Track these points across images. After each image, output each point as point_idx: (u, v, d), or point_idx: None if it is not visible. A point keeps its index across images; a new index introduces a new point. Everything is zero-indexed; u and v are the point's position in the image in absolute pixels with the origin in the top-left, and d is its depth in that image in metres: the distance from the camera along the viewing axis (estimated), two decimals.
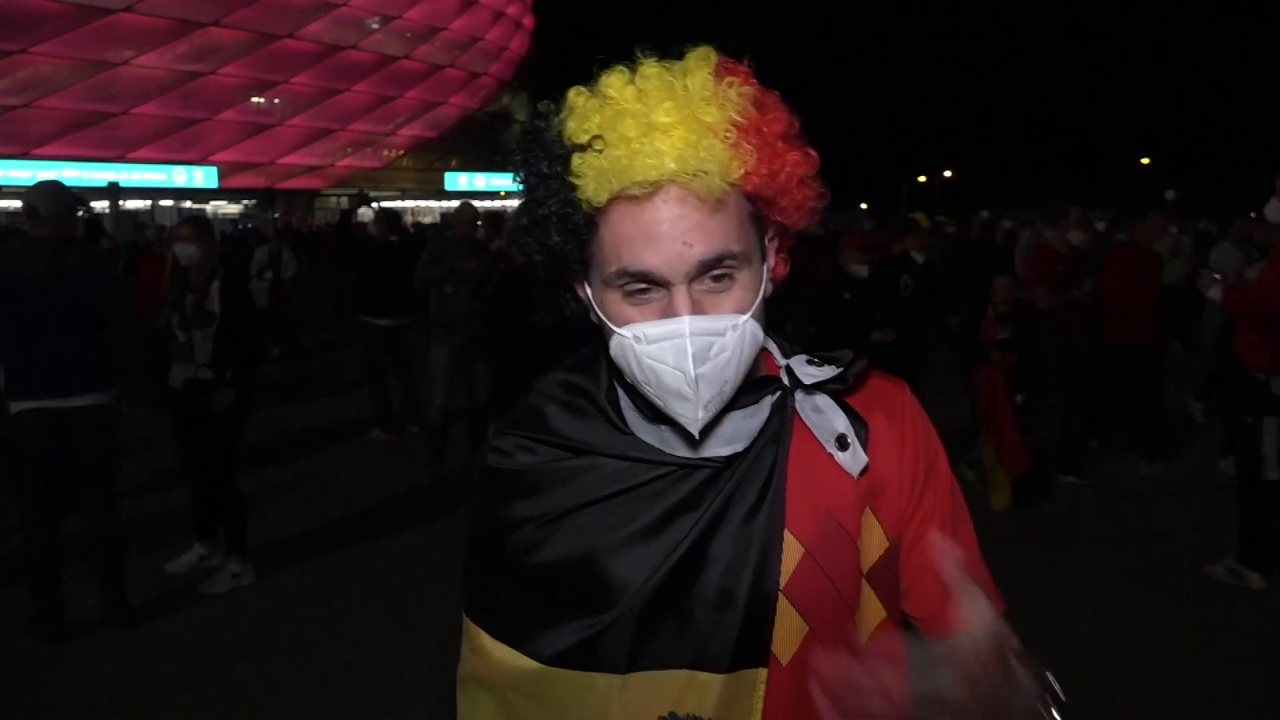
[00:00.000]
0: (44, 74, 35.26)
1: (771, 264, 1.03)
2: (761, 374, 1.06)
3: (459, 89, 49.98)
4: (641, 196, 0.90)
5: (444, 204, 46.56)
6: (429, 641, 3.90)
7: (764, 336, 1.10)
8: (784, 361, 1.07)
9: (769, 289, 1.02)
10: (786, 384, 1.04)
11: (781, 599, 0.98)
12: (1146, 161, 61.71)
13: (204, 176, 39.12)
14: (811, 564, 1.00)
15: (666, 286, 0.92)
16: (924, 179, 74.72)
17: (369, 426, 7.83)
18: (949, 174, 74.20)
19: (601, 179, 0.90)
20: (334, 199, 47.55)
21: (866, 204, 57.61)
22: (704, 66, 0.92)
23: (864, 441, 1.02)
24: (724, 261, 0.92)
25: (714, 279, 0.92)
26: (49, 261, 3.99)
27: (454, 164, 51.66)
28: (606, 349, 0.99)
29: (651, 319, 0.92)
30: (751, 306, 0.94)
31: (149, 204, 35.44)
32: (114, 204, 24.65)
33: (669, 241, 0.90)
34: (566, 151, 0.93)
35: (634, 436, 1.03)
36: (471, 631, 1.10)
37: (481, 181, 49.58)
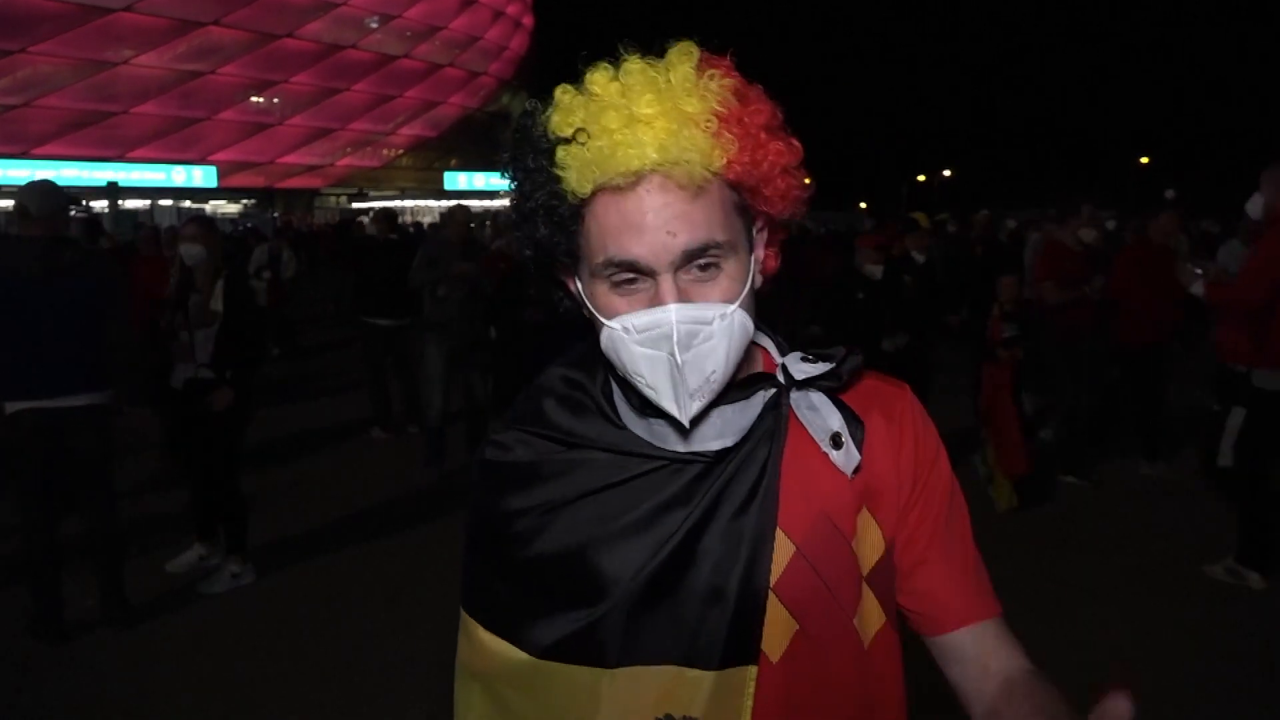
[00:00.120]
0: (43, 73, 35.24)
1: (761, 256, 1.04)
2: (757, 371, 1.07)
3: (459, 88, 49.97)
4: (625, 187, 0.92)
5: (444, 203, 46.49)
6: (429, 641, 3.90)
7: (760, 334, 1.11)
8: (780, 360, 1.07)
9: (759, 281, 1.03)
10: (782, 382, 1.04)
11: (771, 596, 0.98)
12: (1146, 161, 61.70)
13: (203, 176, 39.12)
14: (803, 562, 1.00)
15: (652, 276, 0.93)
16: (923, 178, 74.75)
17: (369, 426, 7.84)
18: (949, 173, 74.23)
19: (585, 170, 0.92)
20: (334, 198, 47.59)
21: (866, 204, 57.76)
22: (686, 61, 0.93)
23: (859, 441, 1.02)
24: (709, 250, 0.93)
25: (700, 268, 0.93)
26: (43, 261, 3.99)
27: (454, 163, 51.65)
28: (600, 345, 1.00)
29: (639, 309, 0.93)
30: (739, 296, 0.95)
31: (148, 203, 35.44)
32: (113, 203, 24.66)
33: (653, 231, 0.91)
34: (551, 145, 0.94)
35: (628, 431, 1.04)
36: (467, 624, 1.11)
37: (481, 181, 49.57)
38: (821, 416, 1.03)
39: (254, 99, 41.91)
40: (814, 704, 1.02)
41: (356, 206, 43.83)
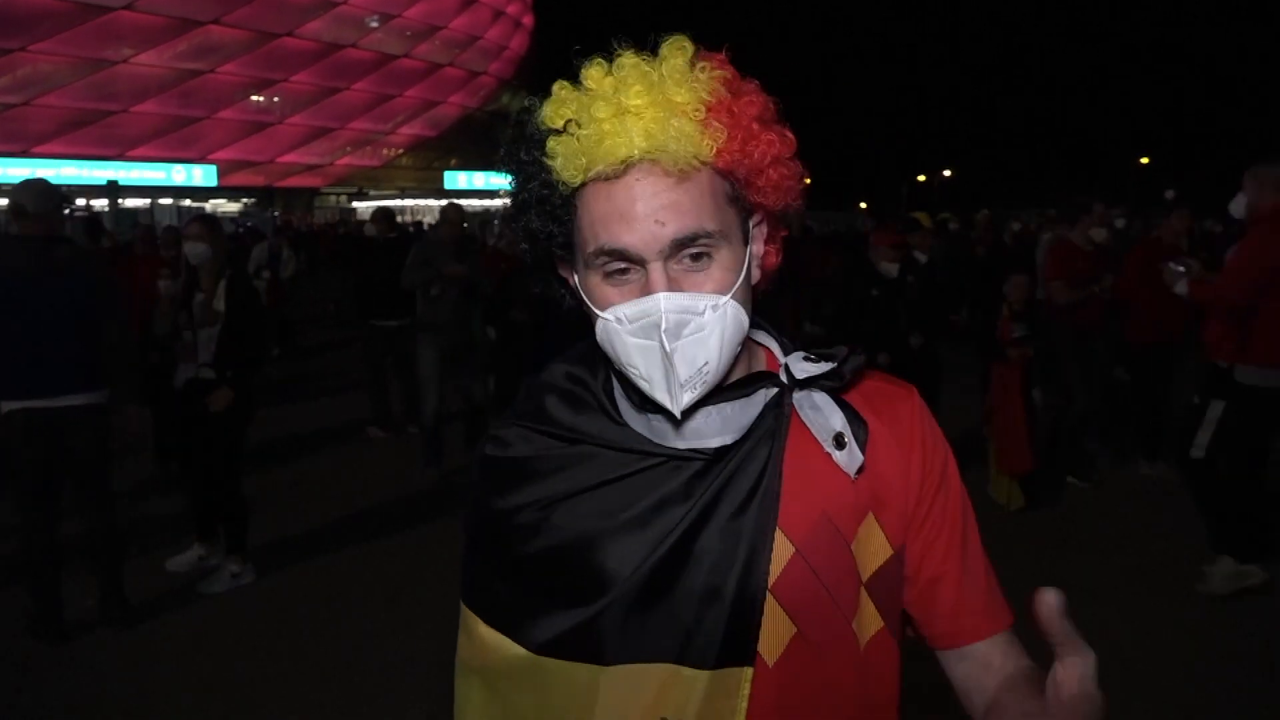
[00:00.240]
0: (43, 72, 35.24)
1: (758, 251, 1.03)
2: (759, 370, 1.06)
3: (459, 88, 49.98)
4: (614, 176, 0.92)
5: (444, 203, 46.48)
6: (429, 641, 3.90)
7: (764, 334, 1.11)
8: (784, 359, 1.07)
9: (756, 276, 1.02)
10: (785, 381, 1.03)
11: (769, 598, 0.97)
12: (1146, 161, 61.72)
13: (203, 175, 39.15)
14: (802, 564, 0.99)
15: (643, 265, 0.93)
16: (924, 178, 74.75)
17: (367, 426, 7.84)
18: (949, 173, 74.23)
19: (574, 159, 0.92)
20: (333, 198, 47.60)
21: (866, 203, 57.76)
22: (679, 55, 0.94)
23: (862, 442, 1.00)
24: (699, 240, 0.92)
25: (692, 258, 0.93)
26: (38, 260, 3.98)
27: (454, 163, 51.67)
28: (597, 339, 1.00)
29: (631, 299, 0.94)
30: (732, 288, 0.94)
31: (148, 202, 35.44)
32: (113, 202, 24.65)
33: (642, 219, 0.91)
34: (543, 136, 0.96)
35: (628, 428, 1.03)
36: (467, 618, 1.11)
37: (481, 180, 49.61)
38: (824, 416, 1.02)
39: (254, 98, 41.91)
40: (809, 708, 1.01)
41: (356, 206, 43.86)
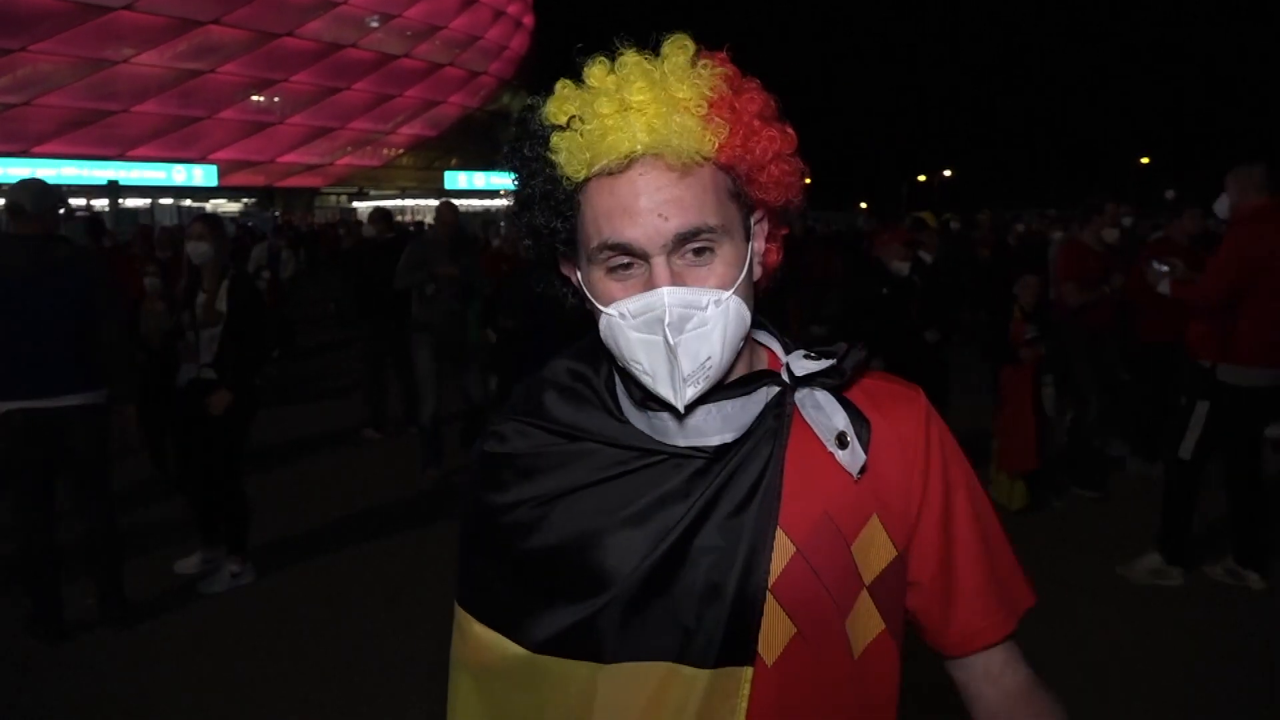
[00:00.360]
0: (43, 72, 35.22)
1: (760, 248, 1.03)
2: (761, 369, 1.06)
3: (459, 88, 49.95)
4: (617, 171, 0.93)
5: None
6: (429, 641, 3.90)
7: (767, 334, 1.11)
8: (785, 359, 1.06)
9: (758, 273, 1.03)
10: (787, 381, 1.03)
11: (770, 598, 0.97)
12: (1146, 161, 61.73)
13: (203, 175, 39.12)
14: (803, 564, 0.99)
15: (646, 259, 0.93)
16: (924, 178, 74.75)
17: (364, 427, 7.83)
18: (949, 173, 74.22)
19: (578, 155, 0.93)
20: (334, 198, 47.59)
21: (866, 203, 57.75)
22: (680, 53, 0.95)
23: (865, 442, 0.99)
24: (701, 234, 0.93)
25: (694, 253, 0.94)
26: (37, 259, 3.98)
27: (454, 163, 51.65)
28: (600, 335, 1.01)
29: (635, 294, 0.94)
30: (735, 283, 0.95)
31: (148, 202, 35.42)
32: (113, 202, 24.63)
33: (645, 214, 0.92)
34: (547, 132, 0.96)
35: (629, 424, 1.03)
36: (461, 617, 1.11)
37: (481, 180, 49.59)
38: (827, 415, 1.01)
39: (254, 98, 41.88)
40: (808, 708, 1.01)
41: (357, 206, 43.86)
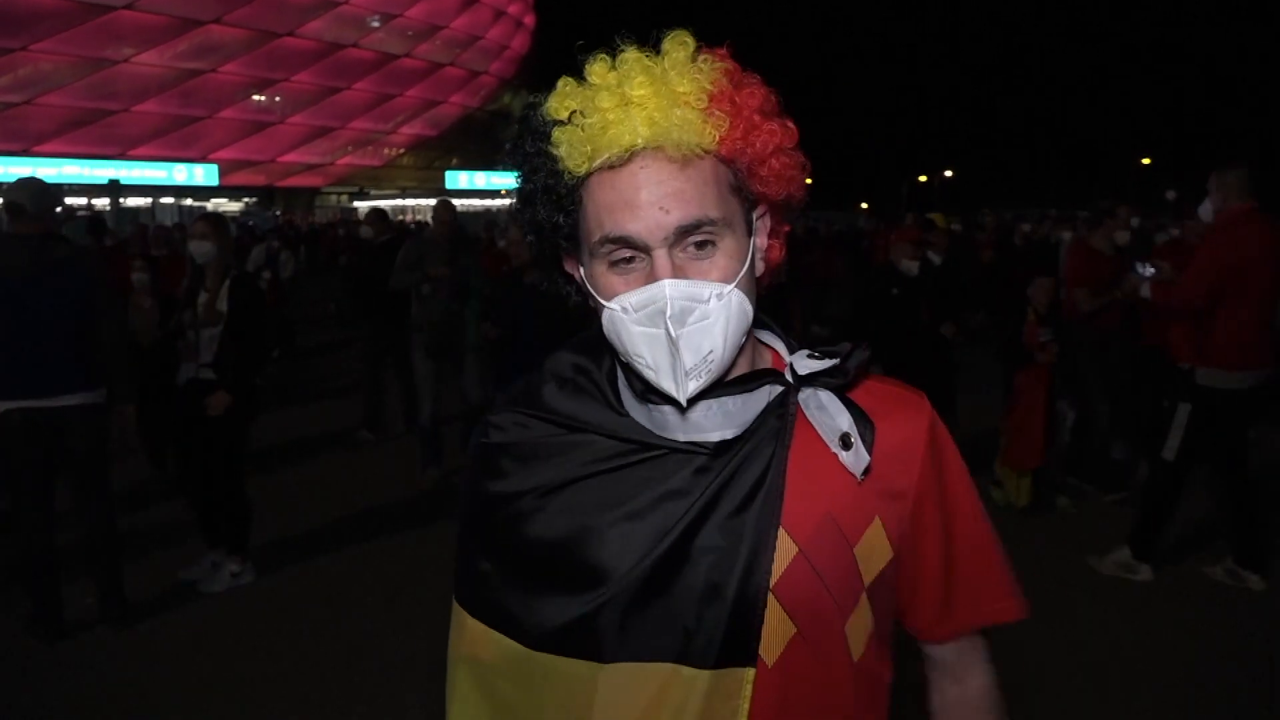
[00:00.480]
0: (44, 71, 35.23)
1: (762, 244, 1.04)
2: (764, 367, 1.06)
3: (459, 87, 49.95)
4: (618, 164, 0.94)
5: None
6: (429, 641, 3.90)
7: (771, 335, 1.11)
8: (789, 359, 1.06)
9: (760, 268, 1.03)
10: (790, 380, 1.03)
11: (771, 599, 0.97)
12: (1147, 161, 61.71)
13: (204, 174, 39.12)
14: (805, 564, 0.99)
15: (648, 253, 0.93)
16: (924, 178, 74.72)
17: (359, 429, 7.80)
18: (949, 173, 74.19)
19: (579, 148, 0.94)
20: (334, 197, 47.59)
21: (866, 203, 57.72)
22: (681, 49, 0.95)
23: (869, 443, 1.00)
24: (703, 227, 0.93)
25: (696, 246, 0.94)
26: (36, 259, 3.97)
27: (454, 162, 51.66)
28: (603, 329, 1.01)
29: (637, 288, 0.94)
30: (737, 276, 0.95)
31: (149, 201, 35.43)
32: (114, 202, 24.63)
33: (646, 207, 0.92)
34: (548, 128, 0.97)
35: (629, 418, 1.03)
36: (459, 614, 1.10)
37: (482, 180, 49.60)
38: (830, 416, 1.01)
39: (255, 97, 41.89)
40: (808, 708, 1.01)
41: (358, 205, 43.85)
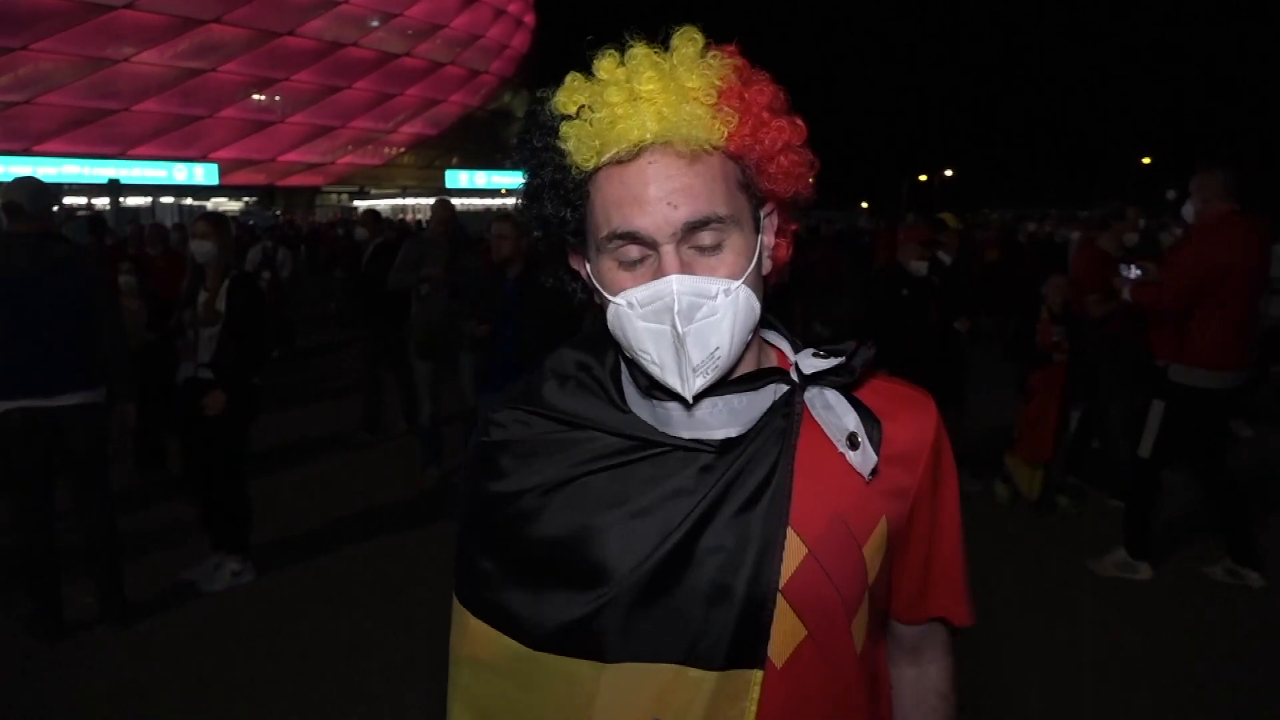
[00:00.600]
0: (44, 71, 35.21)
1: (769, 242, 1.03)
2: (770, 366, 1.05)
3: (460, 86, 49.93)
4: (627, 160, 0.93)
5: None
6: (429, 641, 3.90)
7: (776, 334, 1.10)
8: (794, 358, 1.06)
9: (768, 266, 1.02)
10: (796, 380, 1.02)
11: (781, 600, 0.96)
12: (1148, 161, 61.67)
13: (205, 174, 39.07)
14: (815, 565, 0.98)
15: (655, 248, 0.93)
16: (924, 178, 74.70)
17: (359, 431, 7.80)
18: (949, 173, 74.18)
19: (588, 143, 0.94)
20: (335, 196, 47.58)
21: (867, 203, 57.70)
22: (689, 45, 0.95)
23: (876, 443, 0.99)
24: (711, 224, 0.93)
25: (704, 242, 0.94)
26: (35, 258, 3.97)
27: (455, 161, 51.62)
28: (608, 325, 1.00)
29: (643, 283, 0.94)
30: (744, 273, 0.95)
31: (150, 201, 35.41)
32: (115, 201, 24.60)
33: (654, 203, 0.92)
34: (556, 123, 0.97)
35: (632, 415, 1.03)
36: (459, 612, 1.09)
37: (482, 179, 49.56)
38: (837, 416, 1.01)
39: (255, 97, 41.86)
40: (814, 710, 1.00)
41: (358, 205, 43.86)
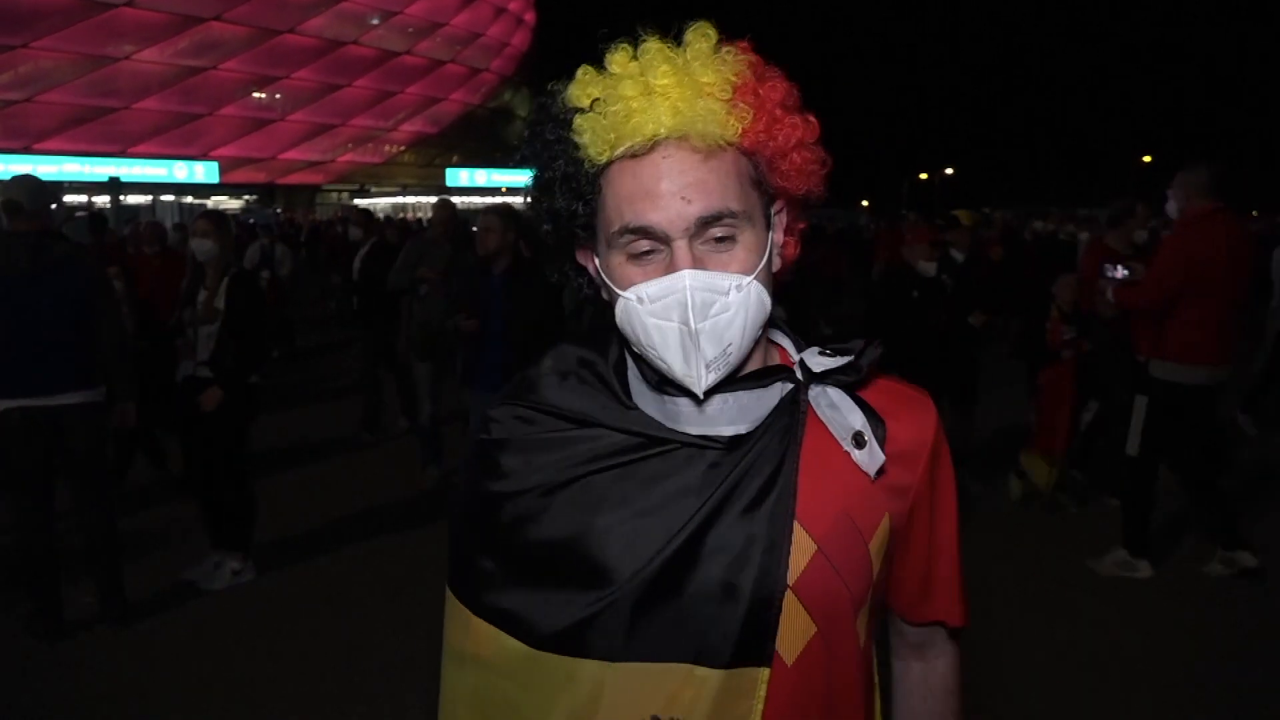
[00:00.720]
0: (45, 69, 35.19)
1: (779, 240, 1.03)
2: (775, 364, 1.05)
3: (460, 85, 49.90)
4: (641, 154, 0.93)
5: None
6: (429, 641, 3.86)
7: (778, 332, 1.10)
8: (798, 356, 1.05)
9: (777, 264, 1.02)
10: (800, 378, 1.02)
11: (791, 597, 0.96)
12: (1148, 160, 61.62)
13: (205, 172, 39.02)
14: (824, 562, 0.98)
15: (667, 243, 0.93)
16: (925, 176, 74.70)
17: (360, 428, 7.81)
18: (950, 171, 74.18)
19: (602, 137, 0.93)
20: (335, 195, 47.56)
21: (868, 201, 57.69)
22: (703, 40, 0.95)
23: (882, 441, 1.00)
24: (724, 219, 0.93)
25: (716, 239, 0.93)
26: (34, 257, 3.97)
27: (455, 160, 51.57)
28: (615, 320, 1.00)
29: (654, 279, 0.93)
30: (756, 269, 0.94)
31: (150, 199, 35.39)
32: (115, 199, 24.60)
33: (668, 197, 0.92)
34: (569, 116, 0.96)
35: (637, 411, 1.02)
36: (456, 610, 1.08)
37: (483, 177, 49.50)
38: (842, 415, 1.01)
39: (255, 95, 41.85)
40: (821, 707, 1.00)
41: (358, 203, 43.86)
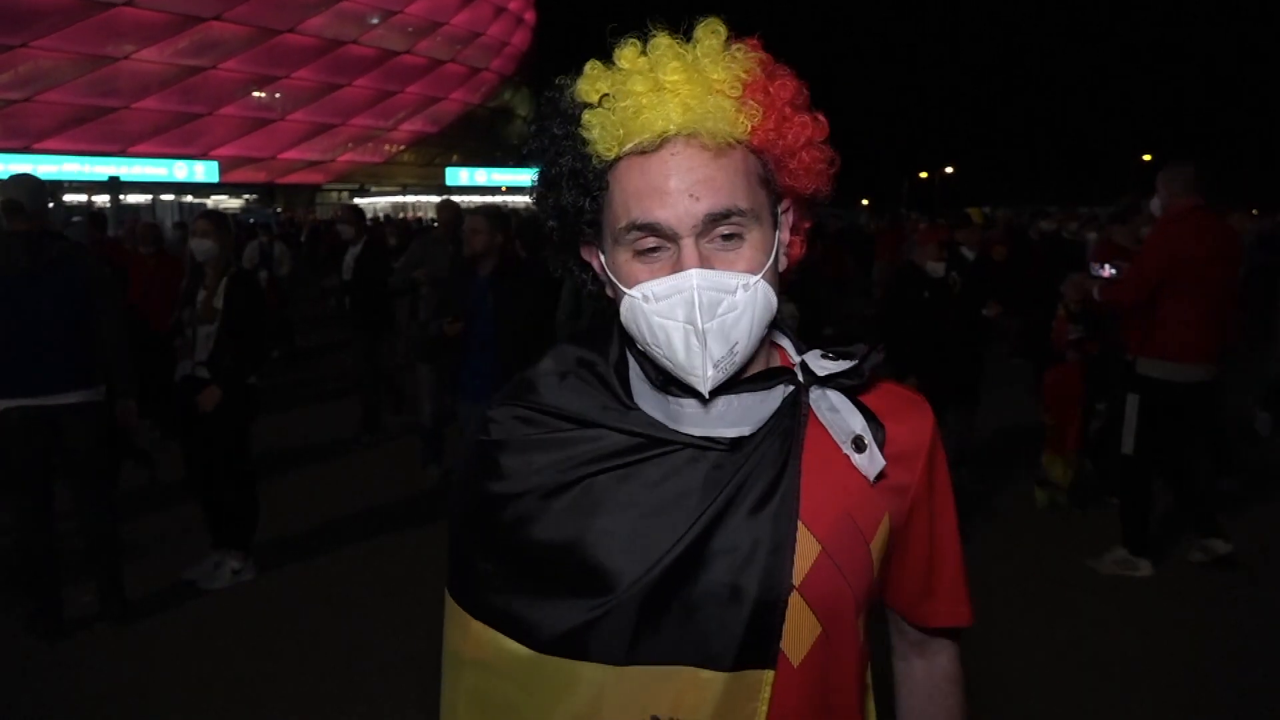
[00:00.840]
0: (45, 68, 35.21)
1: (785, 239, 1.02)
2: (777, 365, 1.05)
3: (460, 84, 49.92)
4: (649, 150, 0.92)
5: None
6: (429, 641, 3.87)
7: (778, 333, 1.09)
8: (798, 358, 1.05)
9: (783, 264, 1.02)
10: (801, 380, 1.02)
11: (797, 598, 0.96)
12: (1149, 159, 61.60)
13: (205, 171, 39.03)
14: (829, 562, 0.98)
15: (675, 241, 0.92)
16: (925, 175, 74.70)
17: (360, 428, 7.80)
18: (950, 170, 74.18)
19: (610, 132, 0.93)
20: (335, 194, 47.56)
21: (868, 200, 57.67)
22: (712, 37, 0.95)
23: (881, 444, 1.00)
24: (731, 217, 0.92)
25: (724, 237, 0.93)
26: (34, 256, 3.96)
27: (455, 159, 51.60)
28: (620, 318, 0.99)
29: (661, 276, 0.93)
30: (763, 268, 0.94)
31: (150, 198, 35.39)
32: (115, 199, 24.60)
33: (676, 194, 0.91)
34: (577, 111, 0.95)
35: (638, 411, 1.01)
36: (456, 613, 1.07)
37: (483, 177, 49.52)
38: (843, 418, 1.01)
39: (255, 94, 41.87)
40: (824, 707, 1.00)
41: (358, 202, 43.85)
